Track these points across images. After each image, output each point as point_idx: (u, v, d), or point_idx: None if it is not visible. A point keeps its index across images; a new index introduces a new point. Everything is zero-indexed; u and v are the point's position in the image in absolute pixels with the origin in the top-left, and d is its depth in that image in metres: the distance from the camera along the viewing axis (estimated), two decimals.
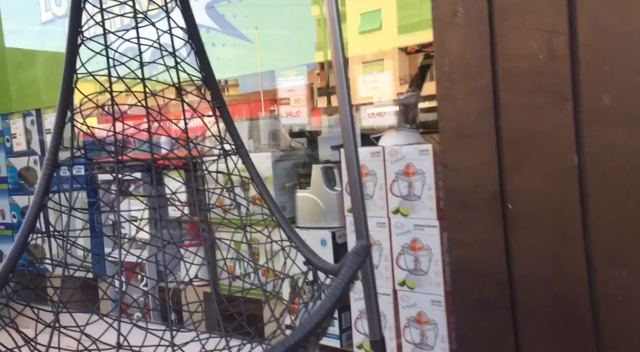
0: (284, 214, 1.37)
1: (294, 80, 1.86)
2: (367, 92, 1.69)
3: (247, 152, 1.43)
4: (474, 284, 1.18)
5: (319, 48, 1.99)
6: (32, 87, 3.09)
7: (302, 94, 1.85)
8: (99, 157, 1.52)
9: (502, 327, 1.14)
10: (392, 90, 1.64)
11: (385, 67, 1.79)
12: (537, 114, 1.06)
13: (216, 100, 1.39)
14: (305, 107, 1.86)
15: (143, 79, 1.37)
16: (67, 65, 1.25)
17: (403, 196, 1.59)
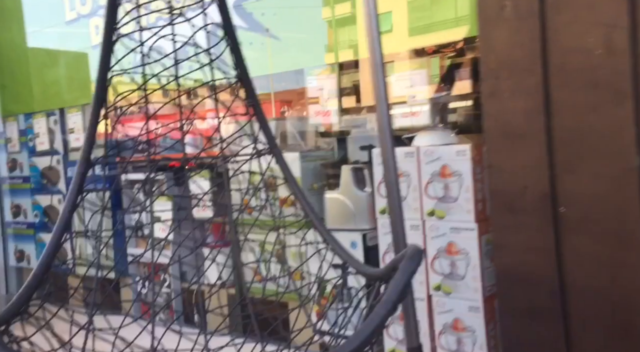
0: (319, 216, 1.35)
1: (325, 79, 1.84)
2: (397, 92, 1.66)
3: (281, 151, 1.41)
4: (522, 290, 1.14)
5: (329, 50, 1.99)
6: (55, 87, 3.11)
7: (333, 93, 1.82)
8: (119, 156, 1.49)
9: (553, 337, 1.10)
10: (426, 90, 1.60)
11: (396, 68, 1.77)
12: (593, 113, 1.02)
13: (250, 99, 1.37)
14: (335, 107, 1.83)
15: (177, 77, 1.35)
16: (101, 62, 1.23)
17: (439, 198, 1.56)
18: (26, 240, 3.35)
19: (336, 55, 1.96)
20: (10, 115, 3.38)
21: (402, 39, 1.78)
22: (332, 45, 1.94)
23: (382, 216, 1.72)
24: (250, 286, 1.32)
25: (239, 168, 1.41)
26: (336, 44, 1.94)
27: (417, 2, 1.74)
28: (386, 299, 0.73)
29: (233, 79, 1.36)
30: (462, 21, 1.65)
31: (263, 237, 1.40)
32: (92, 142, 1.26)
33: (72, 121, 2.97)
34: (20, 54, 3.29)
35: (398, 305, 0.74)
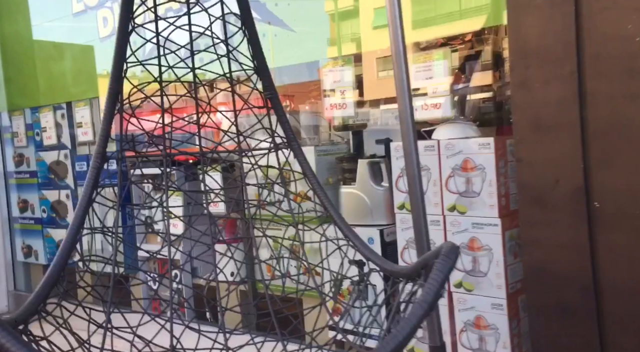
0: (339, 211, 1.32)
1: (340, 71, 1.81)
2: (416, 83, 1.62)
3: (300, 145, 1.38)
4: (552, 288, 1.12)
5: (332, 43, 1.96)
6: (61, 80, 3.08)
7: (349, 86, 1.79)
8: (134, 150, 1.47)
9: (586, 337, 1.07)
10: (446, 82, 1.57)
11: (415, 59, 1.74)
12: (631, 103, 0.98)
13: (268, 91, 1.34)
14: (351, 100, 1.80)
15: (193, 68, 1.33)
16: (117, 53, 1.21)
17: (460, 193, 1.53)
18: (34, 235, 3.34)
19: (339, 49, 1.94)
20: (16, 109, 3.36)
21: (406, 32, 1.76)
22: (335, 39, 1.93)
23: (400, 211, 1.69)
24: (269, 282, 1.29)
25: (256, 162, 1.39)
26: (339, 37, 1.93)
27: None
28: (423, 299, 0.71)
29: (250, 70, 1.33)
30: (466, 14, 1.63)
31: (277, 233, 1.38)
32: (107, 135, 1.23)
33: (80, 115, 2.95)
34: (26, 47, 3.27)
35: (435, 305, 0.72)
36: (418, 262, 0.93)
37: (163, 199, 1.34)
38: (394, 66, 1.31)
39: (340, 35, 1.91)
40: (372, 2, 1.87)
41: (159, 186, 2.67)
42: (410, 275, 1.00)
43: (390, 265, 1.11)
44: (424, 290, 0.72)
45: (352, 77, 1.79)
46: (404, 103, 1.31)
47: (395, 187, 1.71)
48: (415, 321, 0.69)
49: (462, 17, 1.63)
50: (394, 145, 1.69)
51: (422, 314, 0.70)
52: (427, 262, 0.89)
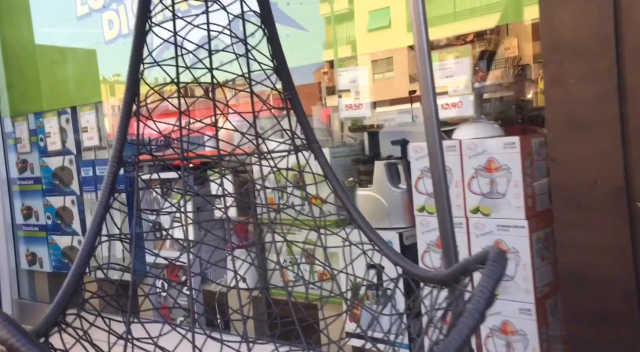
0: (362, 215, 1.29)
1: (355, 71, 1.78)
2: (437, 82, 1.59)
3: (320, 147, 1.35)
4: (591, 293, 1.08)
5: (327, 46, 1.95)
6: (65, 85, 3.06)
7: (365, 86, 1.76)
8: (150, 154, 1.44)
9: (630, 344, 1.03)
10: (468, 80, 1.54)
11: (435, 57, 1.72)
12: None
13: (288, 91, 1.31)
14: (367, 100, 1.77)
15: (211, 69, 1.29)
16: (134, 53, 1.17)
17: (484, 194, 1.49)
18: (38, 242, 3.30)
19: (335, 52, 1.93)
20: (19, 114, 3.33)
21: (401, 35, 1.77)
22: (331, 42, 1.92)
23: (420, 214, 1.66)
24: (292, 289, 1.26)
25: (275, 165, 1.35)
26: (335, 40, 1.92)
27: None
28: (474, 307, 0.67)
29: (269, 70, 1.30)
30: (461, 15, 1.62)
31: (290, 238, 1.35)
32: (124, 139, 1.20)
33: (85, 119, 2.92)
34: (29, 51, 3.24)
35: (484, 316, 0.68)
36: (455, 268, 0.90)
37: (177, 203, 1.30)
38: (417, 64, 1.28)
39: (336, 38, 1.91)
40: (366, 5, 1.86)
41: (166, 191, 2.64)
42: (445, 281, 0.96)
43: (420, 270, 1.08)
44: (474, 298, 0.69)
45: (368, 76, 1.76)
46: (428, 102, 1.28)
47: (414, 189, 1.67)
48: (468, 332, 0.65)
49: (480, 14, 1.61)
50: (413, 146, 1.66)
51: (474, 324, 0.66)
52: (467, 268, 0.86)
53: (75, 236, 3.05)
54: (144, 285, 2.66)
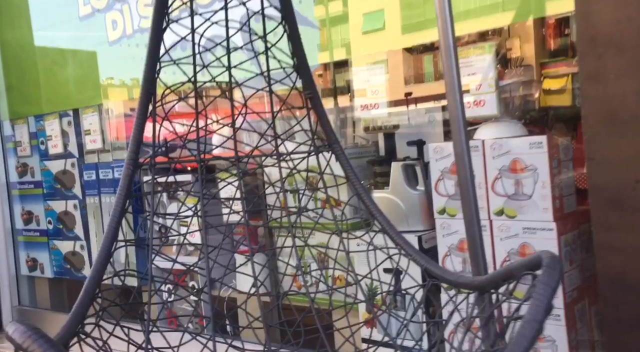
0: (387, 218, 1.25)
1: (371, 70, 1.74)
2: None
3: (342, 147, 1.31)
4: (633, 298, 1.05)
5: (322, 49, 1.94)
6: (68, 87, 3.02)
7: (382, 85, 1.73)
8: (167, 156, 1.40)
9: None
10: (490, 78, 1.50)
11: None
12: None
13: (308, 89, 1.28)
14: (384, 99, 1.74)
15: (229, 67, 1.26)
16: (150, 51, 1.14)
17: (509, 195, 1.46)
18: (39, 248, 3.26)
19: (331, 54, 1.92)
20: (19, 117, 3.29)
21: (395, 37, 1.76)
22: (326, 44, 1.92)
23: (441, 216, 1.63)
24: (315, 295, 1.22)
25: (295, 166, 1.32)
26: (330, 42, 1.91)
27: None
28: (532, 317, 0.64)
29: (289, 68, 1.27)
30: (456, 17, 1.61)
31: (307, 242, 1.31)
32: (140, 140, 1.17)
33: (88, 122, 2.88)
34: (28, 53, 3.21)
35: (543, 326, 0.65)
36: (497, 274, 0.86)
37: (195, 207, 1.27)
38: (442, 61, 1.25)
39: (331, 40, 1.90)
40: (361, 8, 1.85)
41: (173, 194, 2.61)
42: (482, 287, 0.93)
43: (453, 275, 1.04)
44: (531, 307, 0.65)
45: (385, 76, 1.73)
46: (454, 100, 1.25)
47: (434, 191, 1.64)
48: (527, 343, 0.62)
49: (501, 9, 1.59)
50: (433, 147, 1.62)
51: (533, 335, 0.63)
52: (511, 274, 0.83)
53: (78, 241, 3.01)
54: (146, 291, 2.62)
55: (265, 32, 1.24)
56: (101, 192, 2.83)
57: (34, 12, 3.10)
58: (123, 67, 2.65)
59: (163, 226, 2.63)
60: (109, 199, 2.81)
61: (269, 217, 1.40)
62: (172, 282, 1.15)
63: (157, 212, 1.19)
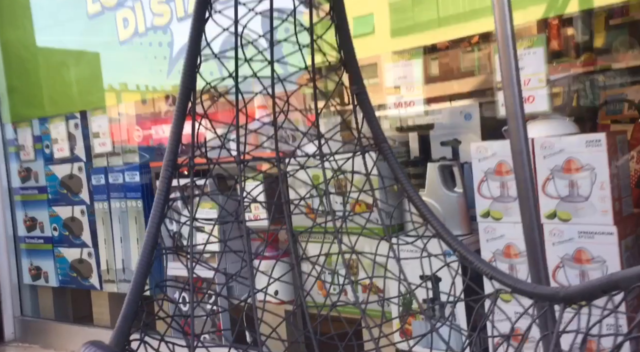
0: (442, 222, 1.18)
1: (406, 66, 1.68)
2: None
3: (390, 147, 1.25)
4: None
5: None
6: (75, 88, 2.94)
7: (418, 82, 1.66)
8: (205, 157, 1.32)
9: None
10: (541, 72, 1.44)
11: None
12: None
13: (355, 85, 1.21)
14: (421, 97, 1.67)
15: (272, 61, 1.19)
16: (191, 44, 1.07)
17: (562, 197, 1.39)
18: (43, 256, 3.18)
19: None
20: (22, 120, 3.21)
21: (385, 41, 1.76)
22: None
23: (484, 220, 1.56)
24: (365, 306, 1.15)
25: (339, 168, 1.25)
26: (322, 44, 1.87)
27: (399, 4, 1.72)
28: None
29: (336, 62, 1.20)
30: (445, 21, 1.60)
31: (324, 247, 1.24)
32: (179, 140, 1.09)
33: (97, 124, 2.80)
34: (30, 54, 3.13)
35: None
36: (597, 283, 0.79)
37: (235, 212, 1.19)
38: (500, 52, 1.19)
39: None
40: (350, 11, 1.80)
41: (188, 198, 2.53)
42: (571, 298, 0.86)
43: (528, 285, 0.97)
44: None
45: (421, 71, 1.67)
46: (512, 94, 1.18)
47: (477, 193, 1.57)
48: None
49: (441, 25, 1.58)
50: (475, 146, 1.56)
51: None
52: (616, 284, 0.76)
53: (85, 248, 2.93)
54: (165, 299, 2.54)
55: (312, 22, 1.17)
56: (111, 197, 2.75)
57: (39, 11, 3.03)
58: (135, 67, 2.57)
59: (176, 232, 2.56)
60: (118, 204, 2.73)
61: (323, 223, 1.32)
62: (216, 292, 1.07)
63: (196, 218, 1.12)
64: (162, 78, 2.45)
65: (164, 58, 2.42)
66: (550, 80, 1.43)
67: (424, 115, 1.74)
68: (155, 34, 2.45)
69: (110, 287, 2.79)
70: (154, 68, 2.46)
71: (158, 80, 2.48)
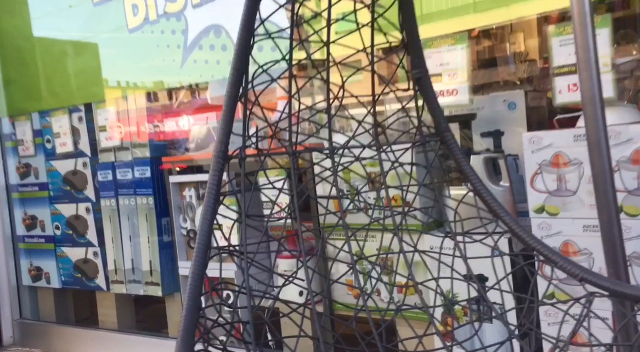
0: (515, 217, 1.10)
1: (450, 52, 1.60)
2: (562, 59, 1.42)
3: (454, 137, 1.16)
4: None
5: None
6: (79, 79, 2.83)
7: (462, 68, 1.58)
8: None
9: None
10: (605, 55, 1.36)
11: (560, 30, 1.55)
12: None
13: (417, 69, 1.12)
14: (465, 84, 1.59)
15: (328, 42, 1.10)
16: (244, 23, 0.97)
17: (629, 191, 1.32)
18: (44, 255, 3.07)
19: None
20: (21, 113, 3.10)
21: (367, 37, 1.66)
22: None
23: (538, 215, 1.48)
24: (434, 309, 1.07)
25: (397, 159, 1.17)
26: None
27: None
28: None
29: (396, 43, 1.11)
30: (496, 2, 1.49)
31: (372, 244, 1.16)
32: (230, 128, 1.00)
33: (103, 117, 2.70)
34: (28, 43, 3.01)
35: None
36: None
37: (287, 207, 1.10)
38: (575, 32, 1.10)
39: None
40: (335, 8, 1.71)
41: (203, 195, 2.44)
42: None
43: (632, 288, 0.89)
44: None
45: (467, 57, 1.58)
46: (589, 77, 1.10)
47: (529, 187, 1.49)
48: None
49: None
50: (529, 136, 1.48)
51: None
52: None
53: (91, 247, 2.83)
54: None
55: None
56: (119, 193, 2.65)
57: None
58: (145, 57, 2.47)
59: (191, 230, 2.46)
60: (127, 201, 2.63)
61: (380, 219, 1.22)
62: (273, 296, 0.99)
63: (248, 215, 1.02)
64: (176, 68, 2.35)
65: (177, 47, 2.32)
66: (616, 64, 1.36)
67: (466, 105, 1.65)
68: (167, 22, 2.35)
69: (119, 288, 2.69)
70: (166, 58, 2.35)
71: (171, 70, 2.38)
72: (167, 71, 2.40)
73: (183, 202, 2.44)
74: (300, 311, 1.04)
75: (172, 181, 2.42)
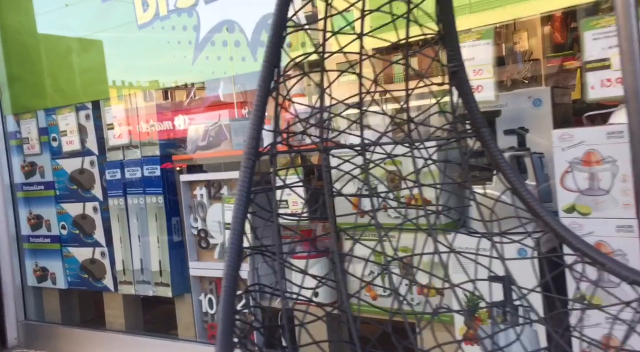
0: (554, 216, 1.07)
1: (474, 47, 1.56)
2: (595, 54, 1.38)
3: (490, 133, 1.12)
4: None
5: (293, 49, 1.83)
6: (87, 77, 2.78)
7: (488, 64, 1.54)
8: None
9: None
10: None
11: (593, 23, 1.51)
12: None
13: (453, 62, 1.09)
14: (491, 80, 1.55)
15: (361, 34, 1.06)
16: (278, 14, 0.93)
17: None
18: (49, 256, 3.03)
19: None
20: (26, 111, 3.05)
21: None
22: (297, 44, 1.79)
23: (568, 215, 1.44)
24: (466, 312, 1.03)
25: (430, 156, 1.13)
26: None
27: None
28: None
29: (432, 36, 1.07)
30: None
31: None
32: (261, 124, 0.96)
33: (112, 115, 2.65)
34: (34, 40, 2.97)
35: None
36: None
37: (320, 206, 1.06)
38: (618, 24, 1.06)
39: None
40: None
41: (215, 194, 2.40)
42: None
43: None
44: None
45: (492, 53, 1.54)
46: (634, 70, 1.06)
47: (559, 185, 1.45)
48: None
49: None
50: (559, 133, 1.44)
51: None
52: None
53: (98, 247, 2.78)
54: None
55: None
56: (127, 192, 2.61)
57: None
58: (155, 53, 2.43)
59: (202, 229, 2.42)
60: (136, 200, 2.59)
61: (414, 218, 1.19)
62: (306, 298, 0.95)
63: (279, 214, 0.98)
64: (187, 65, 2.31)
65: (188, 43, 2.28)
66: None
67: (492, 101, 1.61)
68: (179, 17, 2.31)
69: (127, 289, 2.65)
70: (177, 54, 2.31)
71: (182, 67, 2.34)
72: (178, 68, 2.35)
73: (194, 201, 2.40)
74: (327, 313, 1.00)
75: (182, 180, 2.38)
